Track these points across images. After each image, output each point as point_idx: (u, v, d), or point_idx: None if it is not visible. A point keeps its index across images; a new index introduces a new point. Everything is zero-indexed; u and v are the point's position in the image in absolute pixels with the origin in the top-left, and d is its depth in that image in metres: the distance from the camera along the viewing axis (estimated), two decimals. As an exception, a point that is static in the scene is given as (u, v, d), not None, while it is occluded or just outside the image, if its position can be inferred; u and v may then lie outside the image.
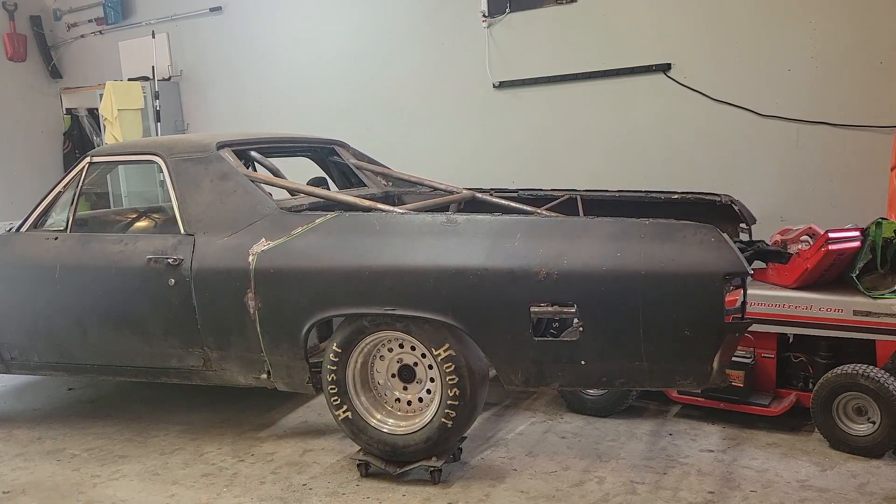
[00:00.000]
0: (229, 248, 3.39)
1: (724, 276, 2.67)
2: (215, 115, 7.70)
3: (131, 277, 3.57)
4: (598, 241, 2.87)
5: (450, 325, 3.02)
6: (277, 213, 3.41)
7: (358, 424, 3.26)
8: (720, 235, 2.75)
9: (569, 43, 5.68)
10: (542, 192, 4.30)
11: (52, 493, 3.30)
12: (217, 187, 3.56)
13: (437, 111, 6.35)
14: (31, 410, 4.43)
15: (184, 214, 3.57)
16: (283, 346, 3.33)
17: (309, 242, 3.26)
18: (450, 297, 2.99)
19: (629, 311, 2.78)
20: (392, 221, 3.23)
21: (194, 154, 3.68)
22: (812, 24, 4.80)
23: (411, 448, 3.16)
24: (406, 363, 3.25)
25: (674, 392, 3.77)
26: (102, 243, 3.73)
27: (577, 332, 2.88)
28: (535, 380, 3.01)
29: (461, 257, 2.98)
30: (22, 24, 8.61)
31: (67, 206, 3.89)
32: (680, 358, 2.81)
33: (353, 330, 3.20)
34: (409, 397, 3.28)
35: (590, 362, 2.90)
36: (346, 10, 6.76)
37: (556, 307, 2.92)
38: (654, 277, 2.74)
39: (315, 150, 4.69)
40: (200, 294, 3.43)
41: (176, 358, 3.61)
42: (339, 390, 3.26)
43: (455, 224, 3.09)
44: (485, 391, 3.19)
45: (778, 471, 3.17)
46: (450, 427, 3.10)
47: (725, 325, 2.73)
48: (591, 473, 3.22)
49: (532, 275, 2.86)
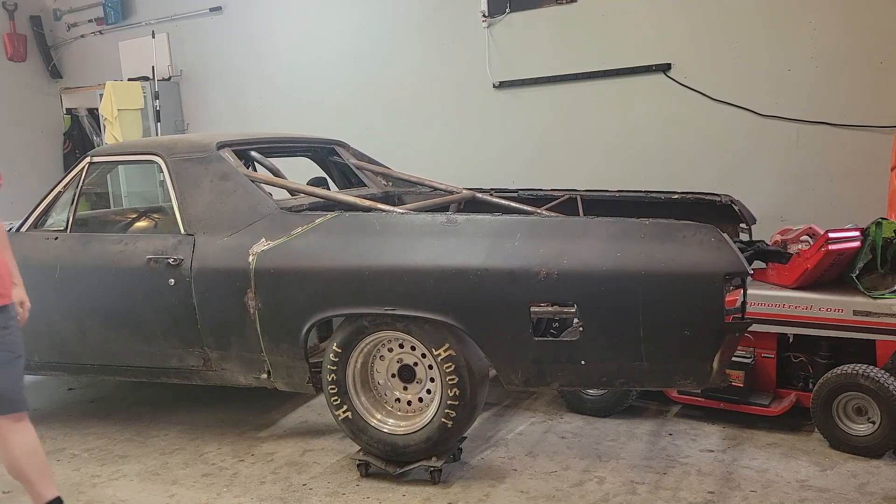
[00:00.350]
0: (229, 248, 3.39)
1: (724, 276, 2.67)
2: (215, 115, 7.70)
3: (131, 277, 3.57)
4: (598, 241, 2.87)
5: (450, 325, 3.03)
6: (277, 213, 3.41)
7: (358, 424, 3.26)
8: (720, 235, 2.75)
9: (569, 43, 5.68)
10: (543, 192, 4.30)
11: (52, 493, 3.30)
12: (217, 187, 3.56)
13: (437, 111, 6.35)
14: (31, 410, 4.41)
15: (184, 214, 3.57)
16: (284, 346, 3.33)
17: (309, 242, 3.26)
18: (450, 297, 2.99)
19: (629, 311, 2.78)
20: (392, 221, 3.23)
21: (194, 154, 3.68)
22: (812, 24, 4.80)
23: (411, 448, 3.16)
24: (406, 363, 3.25)
25: (674, 392, 3.78)
26: (102, 243, 3.73)
27: (577, 332, 2.88)
28: (535, 380, 3.01)
29: (461, 257, 2.98)
30: (22, 24, 8.61)
31: (67, 206, 3.89)
32: (680, 358, 2.81)
33: (353, 330, 3.20)
34: (410, 397, 3.28)
35: (590, 362, 2.90)
36: (346, 10, 6.76)
37: (556, 307, 2.92)
38: (654, 277, 2.74)
39: (315, 150, 4.69)
40: (200, 294, 3.43)
41: (176, 358, 3.61)
42: (339, 390, 3.25)
43: (455, 224, 3.09)
44: (485, 391, 3.19)
45: (778, 471, 3.17)
46: (450, 427, 3.10)
47: (725, 325, 2.73)
48: (591, 473, 3.22)
49: (532, 275, 2.86)
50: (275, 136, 4.43)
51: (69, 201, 3.90)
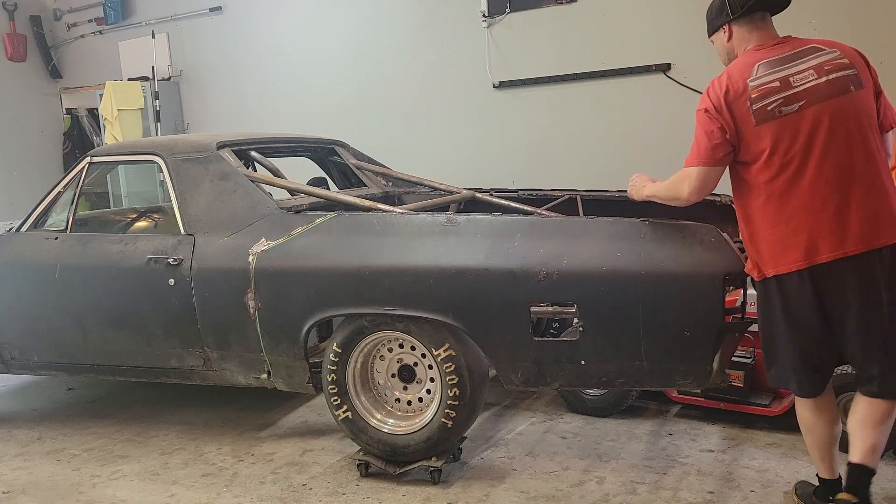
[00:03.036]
0: (229, 248, 3.39)
1: (724, 277, 2.67)
2: (215, 115, 7.70)
3: (131, 277, 3.57)
4: (597, 241, 2.87)
5: (450, 325, 3.03)
6: (277, 213, 3.41)
7: (358, 424, 3.26)
8: (720, 235, 2.75)
9: (569, 43, 5.68)
10: (542, 192, 4.30)
11: (52, 493, 3.30)
12: (217, 187, 3.56)
13: (437, 111, 6.35)
14: (31, 410, 4.43)
15: (184, 214, 3.57)
16: (283, 346, 3.33)
17: (309, 242, 3.26)
18: (450, 297, 2.99)
19: (629, 311, 2.78)
20: (392, 221, 3.23)
21: (194, 154, 3.68)
22: (812, 24, 4.80)
23: (411, 448, 3.16)
24: (406, 363, 3.25)
25: (674, 392, 3.78)
26: (102, 243, 3.73)
27: (578, 332, 2.88)
28: (535, 380, 3.01)
29: (461, 257, 2.98)
30: (22, 24, 8.61)
31: (67, 206, 3.89)
32: (680, 358, 2.80)
33: (353, 330, 3.20)
34: (409, 397, 3.28)
35: (590, 362, 2.90)
36: (346, 10, 6.76)
37: (556, 307, 2.93)
38: (654, 277, 2.74)
39: (315, 150, 4.69)
40: (200, 294, 3.43)
41: (176, 358, 3.61)
42: (339, 390, 3.26)
43: (455, 224, 3.09)
44: (485, 391, 3.19)
45: (778, 471, 3.17)
46: (450, 427, 3.10)
47: (725, 326, 2.73)
48: (591, 473, 3.22)
49: (532, 275, 2.86)
50: (274, 136, 4.43)
51: (69, 201, 3.89)
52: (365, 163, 4.70)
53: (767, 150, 2.42)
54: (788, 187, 2.41)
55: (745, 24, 2.61)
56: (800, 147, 2.39)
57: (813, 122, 2.39)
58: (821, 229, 2.37)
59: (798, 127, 2.39)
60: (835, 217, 2.37)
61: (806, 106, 2.40)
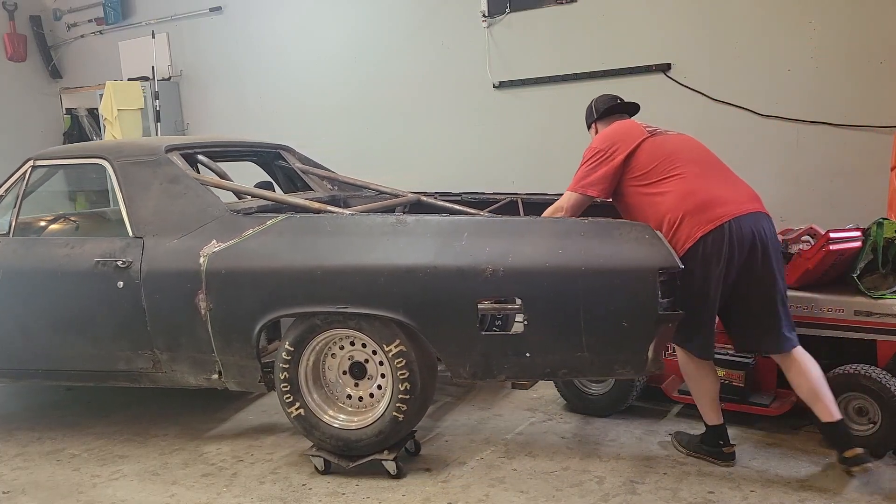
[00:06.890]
0: (180, 249, 3.41)
1: (657, 271, 2.80)
2: (215, 116, 7.71)
3: (78, 280, 3.56)
4: (541, 239, 2.99)
5: (400, 322, 3.09)
6: (228, 216, 3.44)
7: (310, 421, 3.29)
8: (654, 233, 2.90)
9: (569, 43, 5.68)
10: (485, 195, 4.48)
11: (52, 493, 3.30)
12: (166, 190, 3.58)
13: (437, 111, 6.36)
14: (31, 410, 4.43)
15: (132, 217, 3.58)
16: (235, 346, 3.36)
17: (261, 243, 3.30)
18: (400, 295, 3.06)
19: (571, 305, 2.90)
20: (343, 223, 3.29)
21: (143, 157, 3.69)
22: (812, 24, 4.81)
23: (363, 442, 3.22)
24: (357, 360, 3.30)
25: (674, 392, 3.77)
26: (48, 246, 3.74)
27: (522, 325, 2.99)
28: (482, 373, 3.09)
29: (411, 256, 3.07)
30: (22, 24, 8.62)
31: (10, 209, 3.87)
32: (618, 348, 2.94)
33: (305, 328, 3.23)
34: (361, 393, 3.32)
35: (534, 354, 3.01)
36: (346, 10, 6.76)
37: (501, 303, 3.03)
38: (593, 273, 2.87)
39: (261, 154, 4.75)
40: (150, 296, 3.44)
41: (124, 361, 3.60)
42: (291, 388, 3.29)
43: (405, 224, 3.18)
44: (434, 384, 3.29)
45: (778, 471, 3.17)
46: (401, 420, 3.16)
47: (660, 317, 2.84)
48: (591, 473, 3.22)
49: (479, 272, 2.96)
50: (222, 140, 4.51)
51: (11, 204, 3.87)
52: (310, 167, 4.77)
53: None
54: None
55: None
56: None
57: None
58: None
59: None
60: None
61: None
